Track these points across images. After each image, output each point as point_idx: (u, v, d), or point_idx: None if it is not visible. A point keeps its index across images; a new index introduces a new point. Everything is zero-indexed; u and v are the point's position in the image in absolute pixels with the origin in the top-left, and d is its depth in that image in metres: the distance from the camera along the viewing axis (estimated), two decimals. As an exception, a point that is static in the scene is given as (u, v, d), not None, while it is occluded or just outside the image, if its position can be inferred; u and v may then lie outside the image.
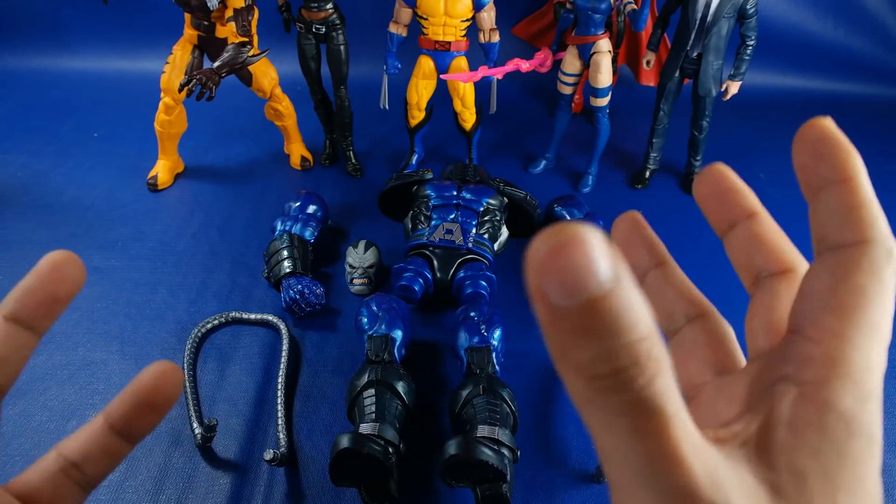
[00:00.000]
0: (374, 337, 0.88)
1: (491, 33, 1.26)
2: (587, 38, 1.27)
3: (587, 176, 1.41)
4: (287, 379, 0.92)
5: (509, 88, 1.75)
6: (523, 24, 1.78)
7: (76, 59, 1.85)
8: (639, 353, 0.16)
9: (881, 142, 1.63)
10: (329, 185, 1.38)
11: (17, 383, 0.90)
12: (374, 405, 0.78)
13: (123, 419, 0.28)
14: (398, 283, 1.02)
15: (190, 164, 1.42)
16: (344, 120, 1.39)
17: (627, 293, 0.15)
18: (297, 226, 1.12)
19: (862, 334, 0.19)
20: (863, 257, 0.19)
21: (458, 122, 1.37)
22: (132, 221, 1.25)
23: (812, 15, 1.84)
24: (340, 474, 0.73)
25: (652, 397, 0.16)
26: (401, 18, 1.27)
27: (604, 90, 1.31)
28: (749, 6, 1.19)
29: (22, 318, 0.27)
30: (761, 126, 1.69)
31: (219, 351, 0.98)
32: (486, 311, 0.93)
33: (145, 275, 1.12)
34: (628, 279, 0.15)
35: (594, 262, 0.15)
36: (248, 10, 1.17)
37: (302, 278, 1.02)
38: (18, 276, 0.27)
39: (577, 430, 0.88)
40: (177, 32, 1.25)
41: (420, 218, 1.12)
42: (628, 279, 0.15)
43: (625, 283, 0.15)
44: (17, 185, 1.35)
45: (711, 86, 1.27)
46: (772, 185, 1.45)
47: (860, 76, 1.88)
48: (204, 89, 1.10)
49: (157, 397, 0.28)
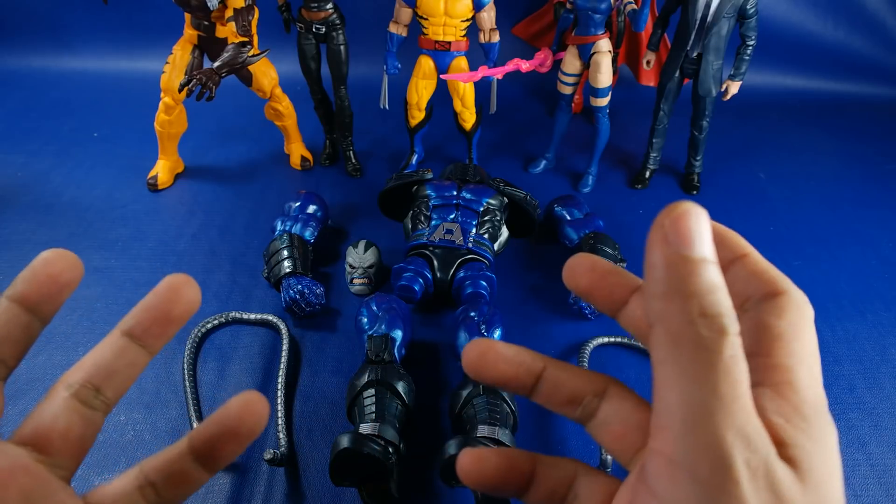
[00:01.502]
0: (374, 337, 0.88)
1: (491, 33, 1.26)
2: (587, 38, 1.27)
3: (587, 176, 1.41)
4: (287, 379, 0.92)
5: (509, 88, 1.75)
6: (523, 24, 1.78)
7: (76, 59, 1.86)
8: (732, 310, 0.20)
9: (881, 142, 1.63)
10: (329, 185, 1.38)
11: (17, 383, 0.90)
12: (374, 405, 0.78)
13: (206, 445, 0.28)
14: (398, 283, 1.02)
15: (190, 164, 1.42)
16: (344, 120, 1.39)
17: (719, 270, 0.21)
18: (297, 226, 1.12)
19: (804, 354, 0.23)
20: (787, 302, 0.23)
21: (458, 122, 1.37)
22: (132, 221, 1.25)
23: (812, 15, 1.84)
24: (340, 474, 0.73)
25: (739, 346, 0.20)
26: (401, 18, 1.27)
27: (604, 90, 1.31)
28: (749, 6, 1.19)
29: (137, 335, 0.28)
30: (761, 126, 1.69)
31: (219, 351, 0.98)
32: (486, 311, 0.93)
33: (145, 275, 1.11)
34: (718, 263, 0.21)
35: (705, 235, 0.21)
36: (248, 10, 1.17)
37: (302, 278, 1.02)
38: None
39: (577, 429, 0.88)
40: (177, 32, 1.25)
41: (420, 218, 1.12)
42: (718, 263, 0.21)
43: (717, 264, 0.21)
44: (17, 185, 1.35)
45: (711, 86, 1.27)
46: (772, 185, 1.45)
47: (860, 76, 1.88)
48: (204, 89, 1.10)
49: (241, 427, 0.28)
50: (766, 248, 1.24)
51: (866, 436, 0.89)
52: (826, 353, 1.01)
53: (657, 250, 0.21)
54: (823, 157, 1.57)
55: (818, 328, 1.09)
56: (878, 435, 0.89)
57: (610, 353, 1.00)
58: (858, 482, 0.83)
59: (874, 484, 0.83)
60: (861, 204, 1.39)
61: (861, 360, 1.00)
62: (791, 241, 1.26)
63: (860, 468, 0.84)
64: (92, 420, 0.27)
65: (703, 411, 0.19)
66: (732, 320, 0.20)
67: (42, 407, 0.27)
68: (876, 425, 0.90)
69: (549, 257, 1.19)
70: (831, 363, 0.99)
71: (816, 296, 1.12)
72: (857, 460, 0.85)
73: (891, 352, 1.02)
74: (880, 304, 1.11)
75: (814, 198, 1.40)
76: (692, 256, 0.20)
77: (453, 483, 0.73)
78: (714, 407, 0.19)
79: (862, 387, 0.96)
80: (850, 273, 1.18)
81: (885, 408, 0.93)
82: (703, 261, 0.20)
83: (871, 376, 0.97)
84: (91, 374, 0.28)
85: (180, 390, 0.91)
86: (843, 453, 0.86)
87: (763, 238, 1.27)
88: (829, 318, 1.08)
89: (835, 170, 1.52)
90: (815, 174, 1.50)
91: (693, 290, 0.20)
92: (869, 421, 0.91)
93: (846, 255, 1.23)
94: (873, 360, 1.00)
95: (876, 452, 0.86)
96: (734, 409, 0.19)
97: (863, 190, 1.44)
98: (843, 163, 1.55)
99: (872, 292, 1.14)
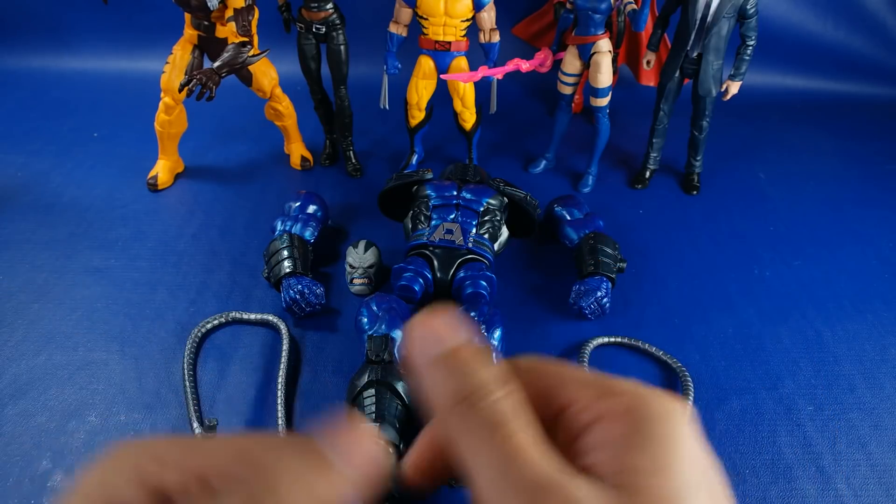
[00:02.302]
0: (374, 337, 0.88)
1: (491, 33, 1.26)
2: (587, 38, 1.27)
3: (587, 176, 1.41)
4: (287, 379, 0.92)
5: (509, 88, 1.75)
6: (523, 24, 1.78)
7: (76, 59, 1.85)
8: (487, 382, 0.21)
9: (881, 142, 1.63)
10: (329, 185, 1.38)
11: (17, 383, 0.90)
12: (374, 405, 0.78)
13: None
14: (398, 283, 1.02)
15: (190, 164, 1.42)
16: (344, 120, 1.39)
17: (476, 347, 0.22)
18: (297, 226, 1.12)
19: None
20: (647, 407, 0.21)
21: (458, 122, 1.37)
22: (132, 221, 1.25)
23: (812, 15, 1.84)
24: (340, 474, 0.73)
25: (499, 413, 0.20)
26: (401, 18, 1.27)
27: (604, 90, 1.31)
28: (749, 6, 1.19)
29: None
30: (761, 126, 1.69)
31: (219, 351, 0.98)
32: (486, 311, 0.93)
33: (145, 275, 1.11)
34: (475, 342, 0.22)
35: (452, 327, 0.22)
36: (248, 10, 1.17)
37: (302, 278, 1.02)
38: (18, 275, 0.27)
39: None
40: (177, 32, 1.25)
41: (420, 218, 1.12)
42: (475, 342, 0.22)
43: (475, 342, 0.22)
44: (17, 185, 1.35)
45: (711, 86, 1.27)
46: (772, 185, 1.45)
47: (860, 76, 1.88)
48: (204, 89, 1.10)
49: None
50: (766, 248, 1.24)
51: (866, 436, 0.89)
52: (826, 353, 1.01)
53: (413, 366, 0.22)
54: (823, 157, 1.57)
55: (818, 328, 1.08)
56: (878, 435, 0.89)
57: (610, 354, 1.00)
58: (858, 482, 0.83)
59: (874, 484, 0.83)
60: (861, 204, 1.39)
61: (861, 360, 1.00)
62: (791, 241, 1.26)
63: (860, 468, 0.84)
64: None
65: (500, 486, 0.19)
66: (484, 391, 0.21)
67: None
68: (876, 425, 0.90)
69: (549, 257, 1.19)
70: (831, 363, 0.99)
71: (816, 296, 1.13)
72: (857, 460, 0.85)
73: (891, 352, 1.02)
74: (880, 304, 1.11)
75: (814, 198, 1.40)
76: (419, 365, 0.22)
77: (453, 483, 0.73)
78: (505, 477, 0.19)
79: (862, 387, 0.96)
80: (850, 273, 1.18)
81: (885, 408, 0.93)
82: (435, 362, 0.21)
83: (871, 376, 0.97)
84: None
85: (180, 390, 0.91)
86: (844, 453, 0.86)
87: (763, 238, 1.27)
88: (829, 318, 1.08)
89: (835, 170, 1.52)
90: (815, 174, 1.50)
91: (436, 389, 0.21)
92: (869, 421, 0.91)
93: (846, 255, 1.23)
94: (873, 360, 1.00)
95: (876, 452, 0.86)
96: (518, 468, 0.19)
97: (863, 190, 1.44)
98: (843, 163, 1.55)
99: (872, 292, 1.14)
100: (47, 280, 1.09)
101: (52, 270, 1.11)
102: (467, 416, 0.20)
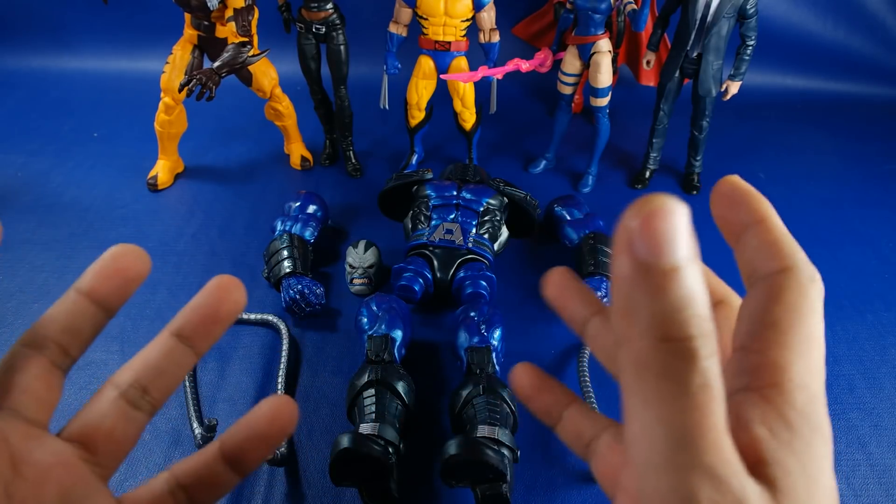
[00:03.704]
0: (374, 337, 0.88)
1: (491, 33, 1.26)
2: (587, 38, 1.27)
3: (587, 176, 1.41)
4: (287, 379, 0.92)
5: (509, 88, 1.75)
6: (523, 24, 1.78)
7: (76, 59, 1.85)
8: (707, 327, 0.17)
9: (881, 142, 1.63)
10: (329, 185, 1.38)
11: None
12: (374, 405, 0.78)
13: (237, 449, 0.28)
14: (398, 283, 1.02)
15: (190, 164, 1.43)
16: (344, 120, 1.39)
17: (699, 273, 0.18)
18: (297, 226, 1.12)
19: (801, 343, 0.21)
20: (790, 280, 0.21)
21: (458, 122, 1.37)
22: (132, 221, 1.25)
23: (812, 15, 1.84)
24: (340, 474, 0.73)
25: (711, 371, 0.17)
26: (401, 18, 1.27)
27: (604, 90, 1.31)
28: (749, 6, 1.19)
29: (186, 335, 0.28)
30: (761, 126, 1.69)
31: (219, 351, 0.98)
32: (486, 311, 0.93)
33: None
34: (699, 264, 0.18)
35: (681, 236, 0.17)
36: (248, 10, 1.17)
37: (302, 278, 1.02)
38: (18, 275, 0.27)
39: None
40: (177, 32, 1.25)
41: (420, 218, 1.12)
42: (699, 264, 0.18)
43: (698, 264, 0.18)
44: (17, 185, 1.35)
45: (711, 86, 1.27)
46: (772, 185, 1.45)
47: (860, 76, 1.88)
48: (204, 89, 1.10)
49: (271, 430, 0.28)
50: (766, 248, 1.24)
51: (866, 436, 0.89)
52: (826, 354, 1.01)
53: (620, 259, 0.18)
54: (823, 157, 1.57)
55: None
56: (878, 435, 0.89)
57: (610, 353, 1.00)
58: (858, 482, 0.83)
59: (874, 484, 0.83)
60: (861, 204, 1.39)
61: (861, 360, 1.00)
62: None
63: (860, 468, 0.85)
64: (137, 421, 0.28)
65: (666, 449, 0.17)
66: (705, 341, 0.17)
67: (90, 405, 0.28)
68: (876, 425, 0.90)
69: (549, 257, 1.19)
70: (831, 363, 0.99)
71: (816, 296, 1.12)
72: (857, 460, 0.85)
73: (891, 352, 1.02)
74: (880, 304, 1.11)
75: (814, 198, 1.40)
76: (660, 267, 0.17)
77: (453, 483, 0.73)
78: (679, 445, 0.17)
79: (862, 387, 0.96)
80: (850, 273, 1.18)
81: (885, 408, 0.93)
82: (674, 270, 0.17)
83: (871, 376, 0.97)
84: (140, 374, 0.28)
85: (180, 390, 0.91)
86: (843, 453, 0.86)
87: (763, 238, 1.26)
88: (829, 318, 1.08)
89: (835, 170, 1.52)
90: (815, 174, 1.50)
91: (658, 308, 0.17)
92: (869, 421, 0.91)
93: (846, 255, 1.23)
94: (873, 360, 1.00)
95: (876, 452, 0.87)
96: (702, 446, 0.17)
97: (863, 190, 1.44)
98: (843, 163, 1.55)
99: (872, 292, 1.14)
100: (47, 280, 1.09)
101: (52, 270, 1.12)
102: (670, 362, 0.17)
